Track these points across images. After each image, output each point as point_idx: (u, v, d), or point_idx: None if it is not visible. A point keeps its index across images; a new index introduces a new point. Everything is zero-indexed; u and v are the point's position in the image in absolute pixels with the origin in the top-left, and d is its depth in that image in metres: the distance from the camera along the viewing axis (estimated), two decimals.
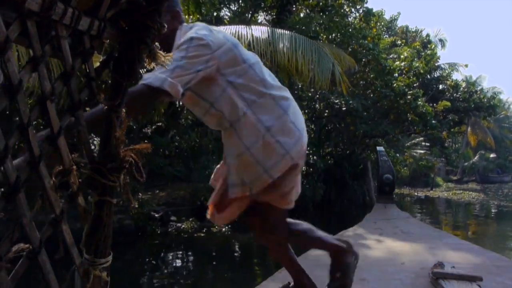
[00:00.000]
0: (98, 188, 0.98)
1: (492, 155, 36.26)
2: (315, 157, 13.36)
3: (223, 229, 9.08)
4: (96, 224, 0.98)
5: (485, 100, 18.40)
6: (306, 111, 14.73)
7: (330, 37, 13.28)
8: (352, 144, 15.35)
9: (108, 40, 1.05)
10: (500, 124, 37.72)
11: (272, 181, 1.72)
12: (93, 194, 0.99)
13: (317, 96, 14.19)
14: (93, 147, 1.04)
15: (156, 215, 9.39)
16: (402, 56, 15.54)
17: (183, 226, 9.43)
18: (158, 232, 9.03)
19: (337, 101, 13.04)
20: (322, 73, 8.42)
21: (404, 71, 14.85)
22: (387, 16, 20.70)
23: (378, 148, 11.98)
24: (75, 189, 0.94)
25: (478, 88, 20.68)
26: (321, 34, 12.42)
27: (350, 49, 13.19)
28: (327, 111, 14.89)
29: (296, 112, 1.85)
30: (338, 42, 13.24)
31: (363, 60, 13.52)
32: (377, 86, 13.95)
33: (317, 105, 15.34)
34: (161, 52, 1.09)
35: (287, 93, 1.87)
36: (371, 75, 14.30)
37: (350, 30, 13.16)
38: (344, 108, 13.17)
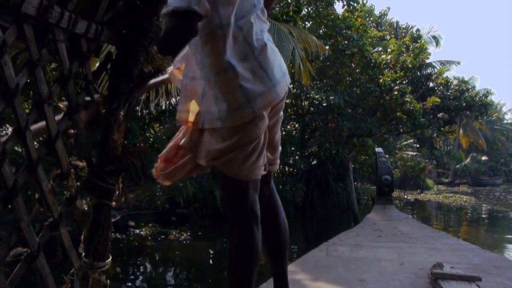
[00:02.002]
0: (97, 191, 0.98)
1: (484, 158, 35.91)
2: (296, 157, 12.49)
3: (182, 237, 7.99)
4: (94, 227, 0.98)
5: (477, 98, 17.27)
6: (288, 109, 13.76)
7: (313, 27, 12.63)
8: (337, 144, 14.15)
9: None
10: (492, 126, 37.21)
11: (252, 117, 1.38)
12: (92, 197, 0.99)
13: (302, 93, 13.11)
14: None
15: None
16: (389, 50, 14.39)
17: (141, 232, 8.41)
18: None
19: (317, 96, 12.09)
20: None
21: (391, 65, 13.78)
22: (376, 12, 20.01)
23: (377, 149, 11.89)
24: (73, 192, 0.94)
25: (470, 87, 19.95)
26: (300, 22, 11.40)
27: (333, 41, 12.42)
28: (312, 108, 13.82)
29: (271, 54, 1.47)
30: (321, 35, 12.48)
31: (347, 52, 12.51)
32: (363, 82, 12.98)
33: (299, 102, 14.14)
34: (158, 55, 1.09)
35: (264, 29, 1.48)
36: (357, 70, 13.37)
37: (333, 18, 12.19)
38: (324, 104, 12.11)
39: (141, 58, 1.10)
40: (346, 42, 12.30)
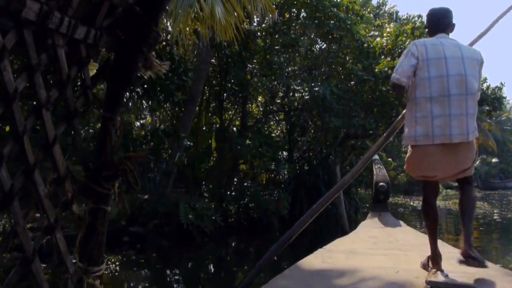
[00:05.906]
0: (93, 196, 0.99)
1: (494, 160, 34.76)
2: (281, 162, 11.03)
3: (111, 267, 6.34)
4: (90, 232, 0.98)
5: (490, 91, 14.97)
6: (271, 106, 12.68)
7: (293, 11, 11.51)
8: (330, 146, 12.39)
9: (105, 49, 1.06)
10: (502, 127, 35.36)
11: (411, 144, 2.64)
12: (88, 202, 0.99)
13: (279, 82, 11.48)
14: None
15: None
16: (385, 34, 12.35)
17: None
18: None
19: (300, 88, 10.62)
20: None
21: (386, 50, 11.76)
22: (374, 2, 19.07)
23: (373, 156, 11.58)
24: (69, 197, 0.94)
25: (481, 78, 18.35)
26: None
27: (317, 22, 11.20)
28: (300, 104, 12.04)
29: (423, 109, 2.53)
30: (304, 16, 11.49)
31: (335, 35, 11.04)
32: (355, 70, 11.33)
33: (285, 98, 12.42)
34: (157, 61, 1.09)
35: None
36: (350, 61, 11.91)
37: None
38: (307, 97, 10.52)
39: (140, 64, 1.10)
40: (332, 22, 10.97)
